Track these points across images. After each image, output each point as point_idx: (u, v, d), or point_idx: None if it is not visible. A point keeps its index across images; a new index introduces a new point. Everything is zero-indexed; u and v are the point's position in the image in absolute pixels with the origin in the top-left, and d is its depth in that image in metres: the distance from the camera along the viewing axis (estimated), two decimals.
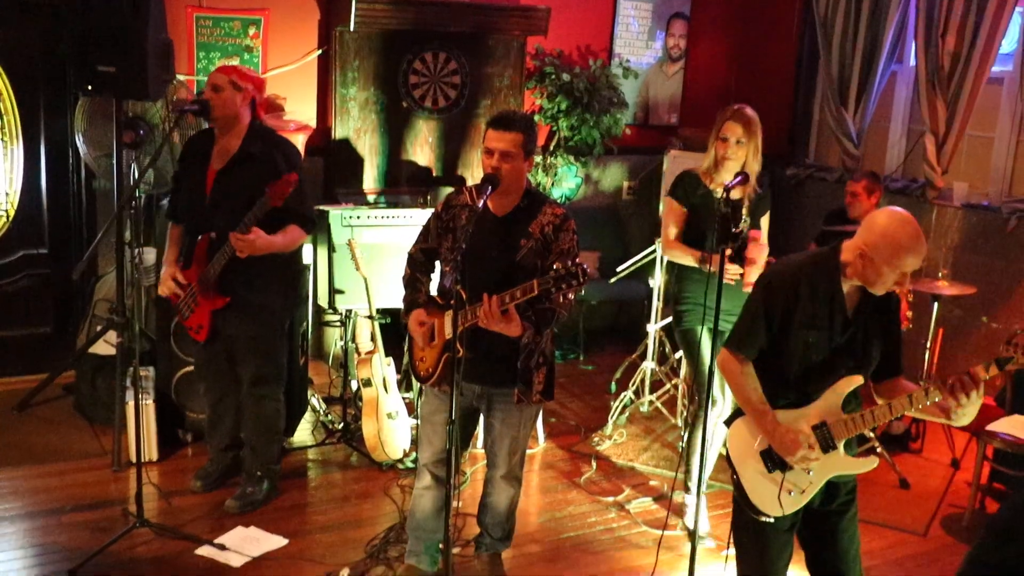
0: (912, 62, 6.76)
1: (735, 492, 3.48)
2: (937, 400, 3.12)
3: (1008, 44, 6.11)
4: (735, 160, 4.50)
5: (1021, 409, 5.31)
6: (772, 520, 3.38)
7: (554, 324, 3.79)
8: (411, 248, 4.08)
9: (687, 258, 4.58)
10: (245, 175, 4.48)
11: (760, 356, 3.39)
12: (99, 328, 5.57)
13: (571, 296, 3.64)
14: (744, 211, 4.59)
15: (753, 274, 4.43)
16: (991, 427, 5.05)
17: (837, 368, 3.31)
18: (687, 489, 4.87)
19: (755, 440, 3.40)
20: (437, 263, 4.06)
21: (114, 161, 5.22)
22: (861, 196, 5.94)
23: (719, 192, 4.49)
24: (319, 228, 5.77)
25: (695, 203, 4.61)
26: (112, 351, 5.29)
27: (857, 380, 3.29)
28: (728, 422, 3.55)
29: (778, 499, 3.35)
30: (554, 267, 3.48)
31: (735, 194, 4.51)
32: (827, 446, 3.29)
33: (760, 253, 4.53)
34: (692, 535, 4.18)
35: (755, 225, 4.64)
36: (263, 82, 4.66)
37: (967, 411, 3.09)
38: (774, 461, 3.36)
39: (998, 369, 3.05)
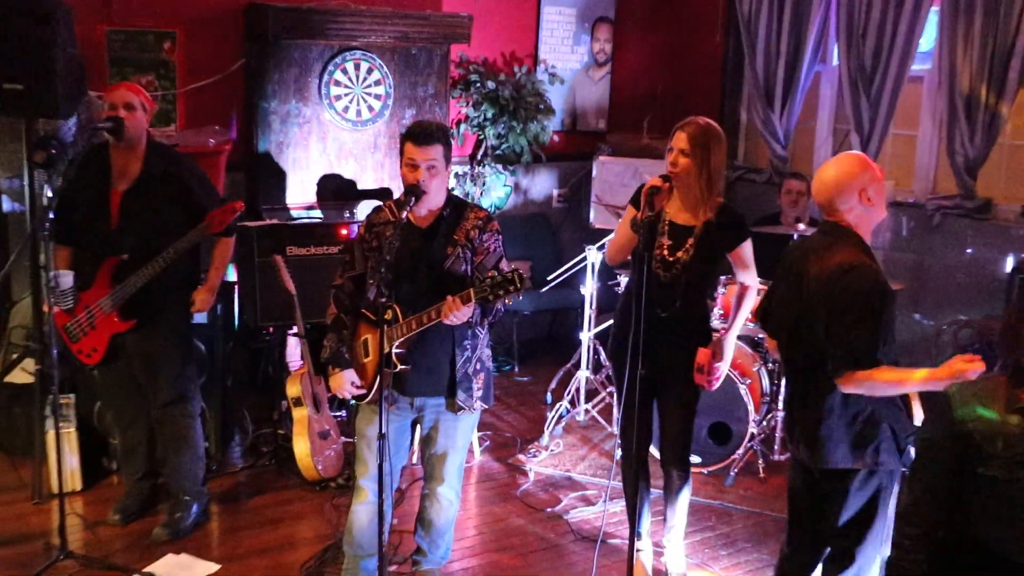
0: (835, 62, 6.96)
1: None
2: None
3: (926, 43, 6.35)
4: (682, 174, 4.07)
5: None
6: None
7: (494, 315, 3.94)
8: (336, 280, 4.11)
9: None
10: (154, 195, 4.55)
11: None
12: (15, 356, 5.51)
13: (507, 300, 3.70)
14: (691, 241, 4.15)
15: (715, 378, 4.24)
16: None
17: None
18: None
19: None
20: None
21: (25, 183, 5.19)
22: (806, 194, 6.18)
23: (669, 213, 4.17)
24: (243, 246, 5.81)
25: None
26: (30, 379, 5.24)
27: None
28: None
29: None
30: (488, 275, 3.59)
31: (681, 219, 4.18)
32: None
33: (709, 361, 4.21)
34: (631, 545, 4.28)
35: (705, 257, 4.16)
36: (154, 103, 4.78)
37: None
38: None
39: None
